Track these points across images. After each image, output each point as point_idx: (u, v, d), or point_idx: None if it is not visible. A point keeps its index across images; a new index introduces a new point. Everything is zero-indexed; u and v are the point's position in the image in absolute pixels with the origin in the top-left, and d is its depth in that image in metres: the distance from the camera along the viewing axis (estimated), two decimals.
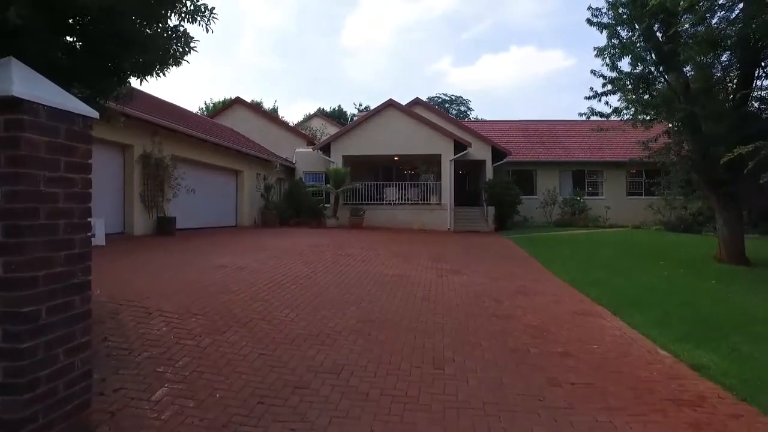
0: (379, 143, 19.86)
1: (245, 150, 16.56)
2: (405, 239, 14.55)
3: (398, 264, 9.13)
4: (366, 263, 8.94)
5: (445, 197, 19.42)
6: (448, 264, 9.56)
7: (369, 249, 11.26)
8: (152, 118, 10.85)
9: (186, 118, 14.67)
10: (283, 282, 6.52)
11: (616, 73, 10.00)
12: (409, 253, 11.07)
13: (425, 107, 22.58)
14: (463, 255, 11.28)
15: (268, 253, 9.21)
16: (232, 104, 24.28)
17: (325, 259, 8.92)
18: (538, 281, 8.10)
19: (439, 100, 46.20)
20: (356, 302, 5.84)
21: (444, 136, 19.52)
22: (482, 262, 10.07)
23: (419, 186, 20.42)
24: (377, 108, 20.01)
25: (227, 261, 7.76)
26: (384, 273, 7.95)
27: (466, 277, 8.10)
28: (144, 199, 11.07)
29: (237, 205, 17.23)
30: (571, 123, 25.77)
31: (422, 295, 6.51)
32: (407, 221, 19.35)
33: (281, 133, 23.92)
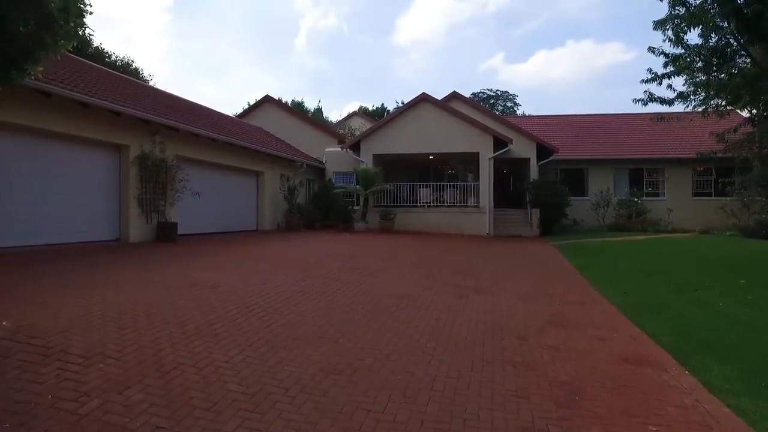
0: (412, 141, 18.53)
1: (265, 149, 15.71)
2: (434, 246, 13.16)
3: (413, 280, 7.81)
4: (374, 278, 7.69)
5: (483, 199, 17.80)
6: (473, 279, 8.12)
7: (387, 259, 10.01)
8: (147, 115, 10.09)
9: (198, 117, 13.95)
10: (255, 307, 5.38)
11: (682, 48, 8.15)
12: (432, 264, 9.71)
13: (463, 102, 21.00)
14: (495, 267, 9.76)
15: (263, 266, 8.17)
16: (261, 103, 23.70)
17: (326, 273, 7.75)
18: (581, 305, 6.52)
19: (484, 96, 44.12)
20: (332, 338, 4.59)
21: (482, 132, 17.90)
22: (515, 277, 8.54)
23: (455, 187, 18.90)
24: (410, 103, 18.69)
25: (206, 277, 6.74)
26: (389, 293, 6.66)
27: (490, 299, 6.65)
28: (142, 204, 10.37)
29: (257, 209, 16.45)
30: (628, 116, 23.33)
31: (425, 326, 5.16)
32: (442, 225, 17.90)
33: (312, 132, 23.08)
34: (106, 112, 9.23)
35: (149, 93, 13.16)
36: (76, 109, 8.75)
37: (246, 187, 15.86)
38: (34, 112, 8.09)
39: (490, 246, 14.01)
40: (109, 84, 10.94)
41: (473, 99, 21.33)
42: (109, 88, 10.46)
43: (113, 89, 10.56)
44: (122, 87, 11.60)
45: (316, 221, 19.04)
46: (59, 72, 9.07)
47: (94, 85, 9.77)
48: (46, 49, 4.58)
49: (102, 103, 8.83)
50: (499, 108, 43.71)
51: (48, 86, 7.68)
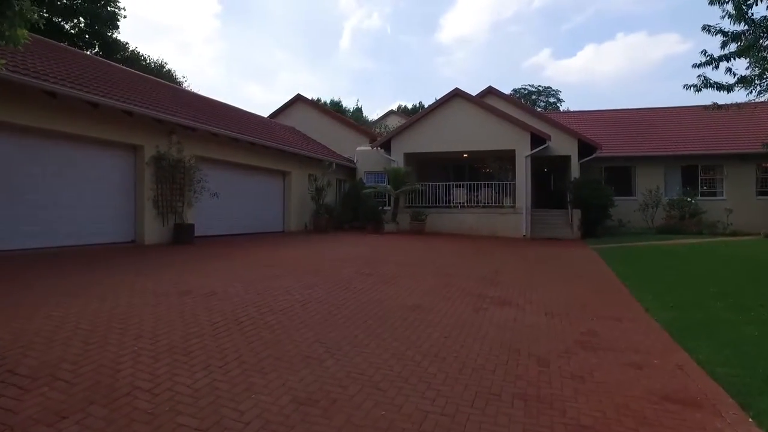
0: (445, 138, 17.79)
1: (290, 149, 15.41)
2: (463, 250, 12.43)
3: (430, 288, 7.17)
4: (388, 286, 7.11)
5: (519, 199, 16.83)
6: (498, 288, 7.39)
7: (407, 264, 9.39)
8: (159, 114, 9.92)
9: (220, 116, 13.79)
10: (245, 319, 4.93)
11: (745, 24, 7.07)
12: (456, 270, 9.03)
13: (499, 97, 20.02)
14: (526, 274, 8.94)
15: (273, 271, 7.75)
16: (293, 102, 23.55)
17: (337, 280, 7.24)
18: (618, 321, 5.68)
19: (525, 92, 42.51)
20: (318, 359, 4.05)
21: (518, 129, 16.92)
22: (546, 286, 7.72)
23: (490, 186, 17.98)
24: (442, 99, 17.94)
25: (205, 283, 6.38)
26: (400, 304, 6.06)
27: (512, 313, 5.93)
28: (157, 205, 10.22)
29: (284, 209, 16.20)
30: (680, 109, 21.62)
31: (430, 346, 4.53)
32: (476, 227, 17.07)
33: (344, 131, 22.71)
34: (119, 111, 9.13)
35: (168, 92, 13.03)
36: (86, 110, 8.67)
37: (272, 188, 15.65)
38: (43, 113, 8.05)
39: (524, 249, 13.10)
40: (125, 83, 10.83)
41: (510, 95, 20.27)
42: (124, 87, 10.38)
43: (128, 88, 10.49)
44: (137, 86, 11.48)
45: (345, 222, 18.65)
46: (71, 70, 9.04)
47: (108, 84, 9.71)
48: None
49: (111, 103, 8.72)
50: (541, 104, 41.97)
51: (54, 86, 7.60)
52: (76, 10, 19.47)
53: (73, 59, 10.53)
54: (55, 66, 8.81)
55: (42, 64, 8.50)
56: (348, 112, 45.52)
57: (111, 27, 20.64)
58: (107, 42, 20.67)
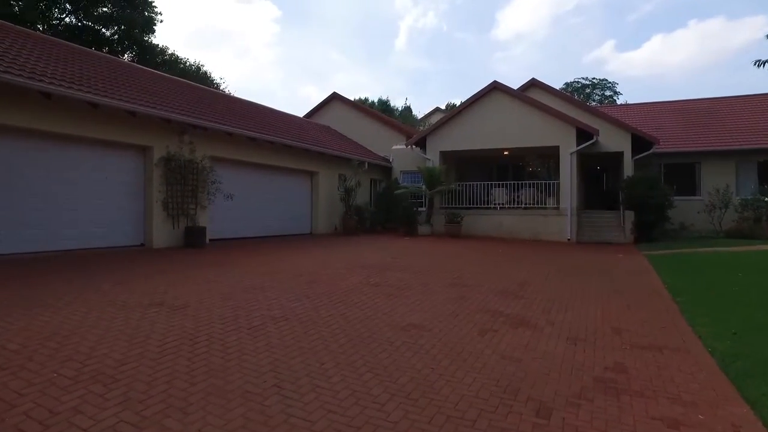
0: (483, 135, 16.70)
1: (315, 148, 14.89)
2: (495, 256, 11.39)
3: (439, 302, 6.33)
4: (390, 299, 6.33)
5: (564, 199, 15.44)
6: (519, 304, 6.42)
7: (424, 273, 8.56)
8: (162, 113, 9.63)
9: (240, 115, 13.49)
10: (202, 339, 4.33)
11: None
12: (477, 280, 8.09)
13: (544, 90, 18.59)
14: (557, 286, 7.85)
15: (266, 280, 7.20)
16: (329, 101, 23.17)
17: (335, 291, 6.57)
18: (658, 352, 4.59)
19: (578, 85, 40.02)
20: (261, 397, 3.35)
21: (563, 123, 15.54)
22: (577, 302, 6.64)
23: (532, 186, 16.67)
24: (479, 93, 16.83)
25: (182, 294, 5.90)
26: (395, 322, 5.28)
27: (527, 337, 4.98)
28: (167, 207, 9.97)
29: (312, 211, 15.75)
30: (756, 98, 19.21)
31: (407, 380, 3.72)
32: (515, 230, 15.88)
33: (382, 130, 22.02)
34: (123, 112, 8.95)
35: (188, 92, 12.81)
36: (88, 110, 8.52)
37: (298, 189, 15.24)
38: (40, 114, 7.92)
39: (566, 255, 11.84)
40: (133, 83, 10.61)
41: (561, 89, 18.73)
42: (132, 87, 10.20)
43: (138, 88, 10.33)
44: (150, 86, 11.30)
45: (378, 224, 17.99)
46: (70, 70, 8.89)
47: (114, 84, 9.55)
48: None
49: (114, 103, 8.52)
50: (596, 98, 39.33)
51: (48, 86, 7.43)
52: (114, 17, 20.15)
53: (78, 58, 10.39)
54: (53, 66, 8.68)
55: (39, 64, 8.40)
56: (396, 112, 44.87)
57: (147, 32, 21.21)
58: (144, 46, 21.27)
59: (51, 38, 11.03)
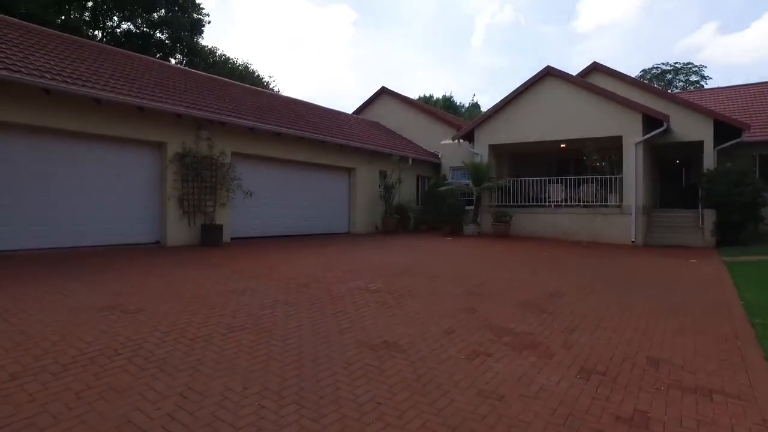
0: (536, 126, 15.24)
1: (351, 143, 14.22)
2: (535, 259, 10.10)
3: (438, 315, 5.41)
4: (381, 310, 5.50)
5: (628, 196, 13.61)
6: (538, 320, 5.32)
7: (442, 278, 7.62)
8: (174, 108, 9.37)
9: (267, 111, 13.11)
10: (128, 350, 3.78)
11: None
12: (500, 288, 7.03)
13: (608, 74, 16.64)
14: (594, 298, 6.56)
15: (250, 284, 6.63)
16: (377, 96, 22.48)
17: (317, 299, 5.86)
18: (707, 397, 3.37)
19: (657, 72, 36.20)
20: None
21: (627, 110, 13.70)
22: (613, 320, 5.39)
23: (591, 182, 14.90)
24: (531, 80, 15.33)
25: (145, 297, 5.44)
26: (368, 338, 4.45)
27: (526, 365, 3.95)
28: (183, 205, 9.75)
29: (350, 209, 15.15)
30: None
31: (347, 412, 2.89)
32: (572, 230, 14.28)
33: (433, 124, 20.94)
34: (133, 108, 8.83)
35: (205, 86, 12.54)
36: (93, 106, 8.45)
37: (335, 186, 14.70)
38: (41, 110, 7.90)
39: (623, 260, 10.24)
40: (144, 78, 10.44)
41: (621, 72, 16.71)
42: (143, 82, 10.08)
43: (155, 84, 10.22)
44: (167, 81, 11.11)
45: (423, 223, 17.06)
46: (75, 66, 8.86)
47: (123, 80, 9.44)
48: None
49: (116, 98, 8.37)
50: (680, 84, 35.32)
51: (49, 83, 7.35)
52: (164, 21, 20.91)
53: (96, 56, 10.42)
54: (61, 64, 8.68)
55: (50, 62, 8.42)
56: (461, 108, 43.39)
57: (196, 33, 21.83)
58: (194, 49, 21.93)
59: (71, 36, 11.21)
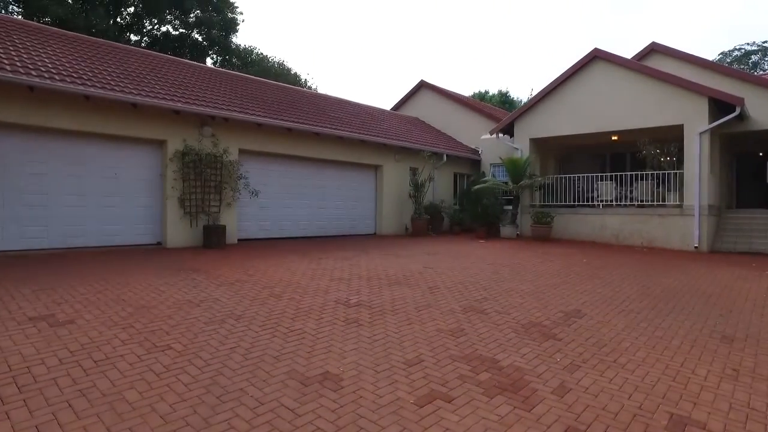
0: (582, 117, 13.71)
1: (375, 139, 13.37)
2: (571, 269, 8.82)
3: (413, 340, 4.54)
4: (344, 330, 4.70)
5: (690, 194, 11.79)
6: (535, 351, 4.31)
7: (441, 290, 6.70)
8: (169, 105, 8.99)
9: (288, 104, 12.60)
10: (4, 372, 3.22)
11: None
12: (507, 305, 6.00)
13: (669, 56, 14.66)
14: (621, 321, 5.33)
15: (223, 291, 6.00)
16: (417, 89, 21.47)
17: (285, 311, 5.15)
18: None
19: (738, 54, 32.25)
20: None
21: (690, 94, 11.87)
22: (637, 353, 4.23)
23: (647, 178, 13.12)
24: (576, 65, 13.77)
25: (87, 308, 4.93)
26: (304, 369, 3.66)
27: (497, 417, 2.98)
28: (184, 205, 9.39)
29: (376, 209, 14.36)
30: None
31: None
32: (623, 233, 12.67)
33: (473, 118, 19.66)
34: (128, 105, 8.55)
35: (211, 79, 12.14)
36: (85, 104, 8.23)
37: (359, 185, 13.95)
38: (38, 109, 7.75)
39: (677, 270, 8.68)
40: (141, 73, 10.15)
41: (686, 52, 14.65)
42: (143, 77, 9.79)
43: (147, 78, 9.91)
44: (164, 75, 10.79)
45: (458, 224, 15.94)
46: (72, 65, 8.67)
47: (117, 77, 9.19)
48: None
49: (107, 95, 8.07)
50: (766, 66, 31.24)
51: (33, 80, 7.13)
52: (198, 22, 21.18)
53: (96, 52, 10.28)
54: (53, 59, 8.55)
55: (40, 59, 8.29)
56: (518, 103, 41.31)
57: (231, 32, 21.92)
58: (229, 48, 22.07)
59: (68, 33, 11.20)
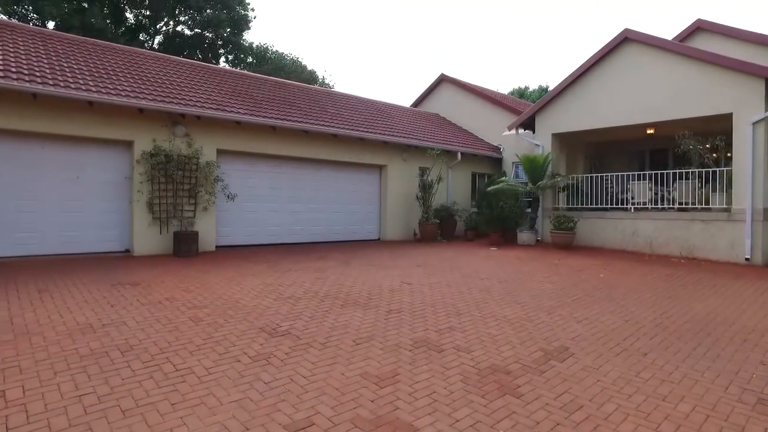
0: (611, 108, 12.09)
1: (372, 136, 12.20)
2: (579, 287, 7.42)
3: (308, 397, 3.43)
4: (228, 374, 3.66)
5: (741, 196, 9.95)
6: (477, 414, 3.08)
7: (401, 314, 5.56)
8: (134, 103, 8.29)
9: (280, 101, 11.72)
10: None
11: None
12: (474, 337, 4.82)
13: (720, 34, 12.67)
14: (615, 366, 3.98)
15: (145, 311, 5.09)
16: (438, 84, 20.13)
17: (169, 346, 4.14)
18: None
19: None
20: None
21: (740, 76, 10.03)
22: (625, 425, 2.91)
23: (687, 177, 11.28)
24: (604, 49, 12.08)
25: None
26: None
27: None
28: (153, 209, 8.69)
29: (380, 212, 13.24)
30: None
31: None
32: (658, 241, 10.98)
33: (497, 113, 18.11)
34: (84, 103, 7.91)
35: (191, 74, 11.36)
36: (33, 103, 7.61)
37: (361, 187, 12.86)
38: None
39: (717, 290, 7.06)
40: (107, 70, 9.51)
41: (741, 29, 12.63)
42: (106, 71, 9.14)
43: (107, 74, 9.23)
44: (129, 67, 10.12)
45: (473, 228, 14.55)
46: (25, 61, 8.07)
47: (72, 71, 8.56)
48: None
49: (56, 92, 7.39)
50: None
51: None
52: (207, 20, 20.78)
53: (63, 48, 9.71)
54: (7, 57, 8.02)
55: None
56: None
57: (240, 30, 21.39)
58: (240, 46, 21.58)
59: (31, 27, 10.75)
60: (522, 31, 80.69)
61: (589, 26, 76.89)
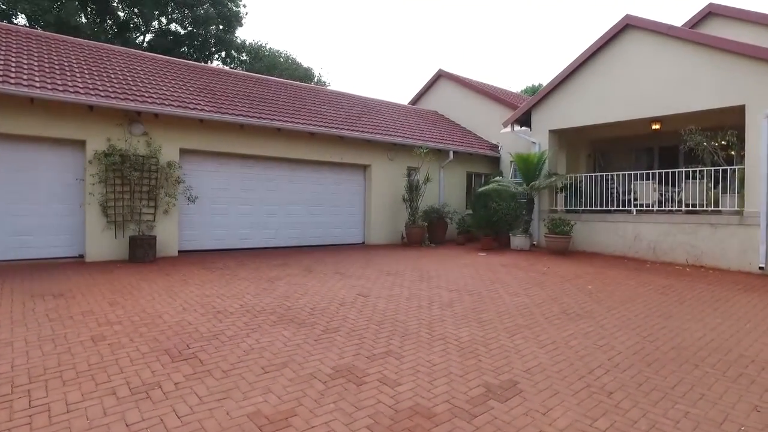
0: (612, 101, 11.15)
1: (352, 134, 11.42)
2: (567, 299, 6.59)
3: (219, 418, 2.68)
4: (120, 408, 2.94)
5: (754, 198, 8.93)
6: None
7: (335, 334, 4.85)
8: (83, 100, 7.73)
9: (256, 99, 11.08)
10: None
11: None
12: (413, 369, 4.08)
13: (733, 19, 11.61)
14: (568, 420, 3.16)
15: (56, 325, 4.46)
16: (435, 80, 19.29)
17: (77, 364, 3.47)
18: None
19: None
20: None
21: (753, 63, 9.03)
22: None
23: (695, 177, 10.26)
24: (603, 38, 11.12)
25: None
26: None
27: None
28: (107, 212, 8.14)
29: (364, 215, 12.50)
30: None
31: None
32: (663, 246, 10.02)
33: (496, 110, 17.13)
34: (25, 100, 7.37)
35: (152, 68, 10.80)
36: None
37: (343, 188, 12.10)
38: None
39: (713, 310, 6.14)
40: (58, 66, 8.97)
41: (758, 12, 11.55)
42: (54, 66, 8.59)
43: (55, 70, 8.67)
44: (83, 62, 9.58)
45: (465, 232, 13.71)
46: None
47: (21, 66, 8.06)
48: None
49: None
50: None
51: None
52: (197, 18, 20.30)
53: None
54: None
55: None
56: None
57: (233, 27, 20.85)
58: (233, 44, 21.05)
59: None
60: (537, 27, 79.11)
61: (610, 21, 74.97)
